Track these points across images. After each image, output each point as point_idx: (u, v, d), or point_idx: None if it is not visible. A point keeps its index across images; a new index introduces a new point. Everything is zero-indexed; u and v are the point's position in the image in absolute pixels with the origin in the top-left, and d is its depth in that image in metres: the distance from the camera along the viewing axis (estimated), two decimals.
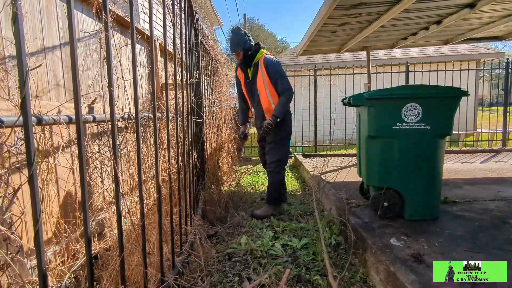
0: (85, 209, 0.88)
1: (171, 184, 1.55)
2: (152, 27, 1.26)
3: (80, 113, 0.86)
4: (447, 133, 2.18)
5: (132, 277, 1.38)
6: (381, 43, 4.91)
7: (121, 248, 1.04)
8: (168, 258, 1.53)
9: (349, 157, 5.48)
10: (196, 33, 2.53)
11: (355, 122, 2.75)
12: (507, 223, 2.15)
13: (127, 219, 1.80)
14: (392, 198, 2.23)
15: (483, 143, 6.60)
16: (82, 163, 0.87)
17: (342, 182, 3.39)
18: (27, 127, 0.71)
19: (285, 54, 10.82)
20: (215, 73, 3.84)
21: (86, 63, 1.90)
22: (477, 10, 3.14)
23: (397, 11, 3.00)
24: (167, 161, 1.63)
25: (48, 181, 1.52)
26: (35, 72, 1.49)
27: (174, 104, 1.87)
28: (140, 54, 2.59)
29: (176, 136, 1.71)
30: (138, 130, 1.13)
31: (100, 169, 1.98)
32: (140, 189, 1.14)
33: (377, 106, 2.19)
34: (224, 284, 1.74)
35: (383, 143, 2.22)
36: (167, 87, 1.44)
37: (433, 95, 2.15)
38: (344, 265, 1.91)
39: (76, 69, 0.83)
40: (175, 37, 1.60)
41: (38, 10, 1.54)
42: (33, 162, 0.70)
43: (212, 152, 3.52)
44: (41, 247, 0.73)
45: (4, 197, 1.16)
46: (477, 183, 3.34)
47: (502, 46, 35.44)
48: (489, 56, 8.77)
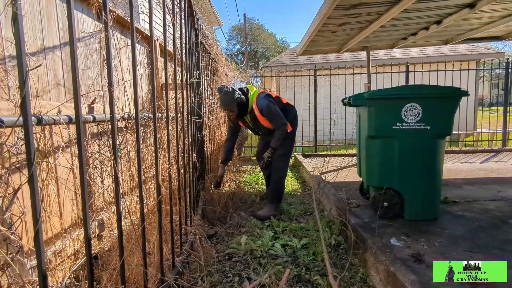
0: (85, 209, 0.88)
1: (171, 184, 1.55)
2: (152, 27, 1.26)
3: (80, 113, 0.86)
4: (447, 133, 2.18)
5: (132, 277, 1.38)
6: (381, 43, 4.91)
7: (121, 248, 1.04)
8: (168, 258, 1.53)
9: (349, 157, 5.48)
10: (196, 33, 2.53)
11: (355, 122, 2.75)
12: (507, 223, 2.15)
13: (127, 219, 1.80)
14: (392, 198, 2.23)
15: (483, 143, 6.60)
16: (82, 163, 0.87)
17: (342, 182, 3.39)
18: (27, 127, 0.71)
19: (285, 54, 10.81)
20: (215, 73, 3.84)
21: (86, 63, 1.90)
22: (477, 10, 3.14)
23: (397, 11, 3.00)
24: (167, 161, 1.63)
25: (48, 181, 1.52)
26: (36, 72, 1.48)
27: (174, 104, 1.87)
28: (140, 54, 2.59)
29: (176, 136, 1.71)
30: (138, 130, 1.13)
31: (100, 169, 1.98)
32: (140, 189, 1.14)
33: (377, 106, 2.19)
34: (224, 284, 1.74)
35: (383, 143, 2.22)
36: (167, 87, 1.44)
37: (433, 95, 2.15)
38: (344, 265, 1.91)
39: (76, 70, 0.83)
40: (175, 37, 1.60)
41: (38, 10, 1.54)
42: (33, 162, 0.70)
43: (212, 152, 3.52)
44: (41, 247, 0.73)
45: (4, 197, 1.16)
46: (477, 183, 3.34)
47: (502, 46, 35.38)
48: (489, 56, 8.78)
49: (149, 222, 1.72)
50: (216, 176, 3.13)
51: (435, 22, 3.73)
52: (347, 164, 4.74)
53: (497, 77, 30.96)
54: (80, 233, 1.71)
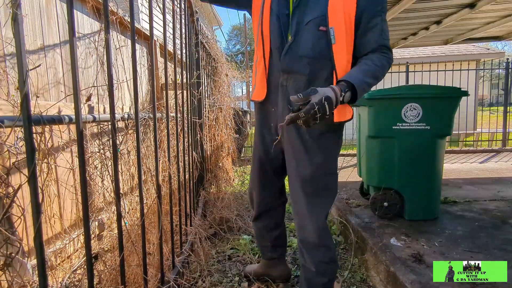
0: (85, 209, 0.88)
1: (171, 184, 1.55)
2: (152, 27, 1.26)
3: (80, 113, 0.86)
4: (447, 133, 2.19)
5: (132, 277, 1.38)
6: None
7: (121, 248, 1.04)
8: (168, 258, 1.53)
9: (349, 157, 5.48)
10: (196, 33, 2.53)
11: (355, 122, 2.75)
12: (507, 223, 2.15)
13: (127, 219, 1.80)
14: (392, 198, 2.23)
15: (483, 143, 6.60)
16: (83, 163, 0.87)
17: (342, 182, 3.39)
18: (27, 127, 0.71)
19: None
20: (215, 73, 3.84)
21: (85, 64, 1.90)
22: (477, 10, 3.15)
23: (397, 11, 3.01)
24: (167, 161, 1.63)
25: (48, 181, 1.52)
26: (36, 72, 1.48)
27: (174, 104, 1.87)
28: (140, 54, 2.59)
29: (176, 136, 1.71)
30: (138, 130, 1.13)
31: (100, 169, 1.98)
32: (140, 189, 1.14)
33: (377, 106, 2.19)
34: (224, 284, 1.74)
35: (383, 143, 2.22)
36: (167, 87, 1.44)
37: (433, 95, 2.15)
38: (344, 265, 1.91)
39: (76, 70, 0.83)
40: (175, 37, 1.60)
41: (38, 10, 1.54)
42: (33, 162, 0.70)
43: (212, 152, 3.53)
44: (41, 247, 0.73)
45: (4, 197, 1.16)
46: (477, 183, 3.34)
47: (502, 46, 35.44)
48: (489, 56, 8.78)
49: (149, 222, 1.72)
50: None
51: (435, 22, 3.73)
52: (347, 164, 4.74)
53: (497, 77, 30.97)
54: (80, 233, 1.72)
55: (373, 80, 1.18)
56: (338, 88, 1.09)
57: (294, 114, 1.05)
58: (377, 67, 1.17)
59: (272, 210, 1.57)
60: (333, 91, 1.07)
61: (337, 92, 1.08)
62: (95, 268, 1.45)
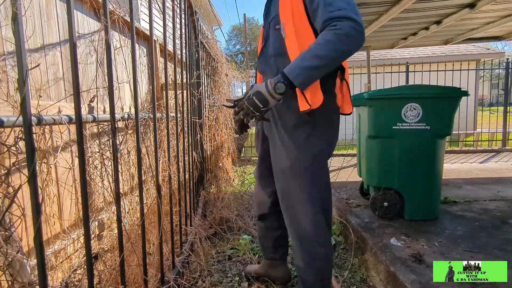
0: (85, 209, 0.88)
1: (171, 184, 1.55)
2: (152, 27, 1.26)
3: (80, 113, 0.86)
4: (447, 133, 2.19)
5: (132, 277, 1.38)
6: (381, 43, 4.91)
7: (121, 248, 1.04)
8: (168, 258, 1.53)
9: (349, 157, 5.48)
10: (196, 33, 2.53)
11: (355, 122, 2.75)
12: (507, 223, 2.15)
13: (127, 219, 1.80)
14: (392, 198, 2.23)
15: (483, 143, 6.60)
16: (83, 163, 0.87)
17: (342, 182, 3.39)
18: (27, 127, 0.71)
19: None
20: (215, 73, 3.84)
21: (86, 63, 1.90)
22: (477, 10, 3.15)
23: (397, 11, 3.01)
24: (167, 161, 1.63)
25: (48, 181, 1.52)
26: (37, 72, 1.48)
27: (174, 104, 1.87)
28: (140, 54, 2.59)
29: (176, 136, 1.71)
30: (138, 130, 1.13)
31: (100, 169, 1.97)
32: (140, 189, 1.14)
33: (377, 106, 2.19)
34: (224, 284, 1.74)
35: (383, 143, 2.22)
36: (167, 87, 1.44)
37: (433, 95, 2.15)
38: (344, 265, 1.91)
39: (76, 70, 0.83)
40: (175, 37, 1.60)
41: (38, 10, 1.54)
42: (33, 162, 0.70)
43: (212, 152, 3.52)
44: (41, 247, 0.73)
45: (5, 197, 1.16)
46: (477, 183, 3.34)
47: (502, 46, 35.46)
48: (489, 56, 8.78)
49: (149, 222, 1.73)
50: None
51: (435, 22, 3.73)
52: (347, 164, 4.74)
53: (497, 77, 30.97)
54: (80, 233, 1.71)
55: (314, 60, 1.09)
56: (272, 81, 1.14)
57: (232, 111, 1.21)
58: (317, 45, 1.10)
59: (274, 211, 1.58)
60: (265, 85, 1.14)
61: (268, 85, 1.13)
62: (95, 268, 1.45)
